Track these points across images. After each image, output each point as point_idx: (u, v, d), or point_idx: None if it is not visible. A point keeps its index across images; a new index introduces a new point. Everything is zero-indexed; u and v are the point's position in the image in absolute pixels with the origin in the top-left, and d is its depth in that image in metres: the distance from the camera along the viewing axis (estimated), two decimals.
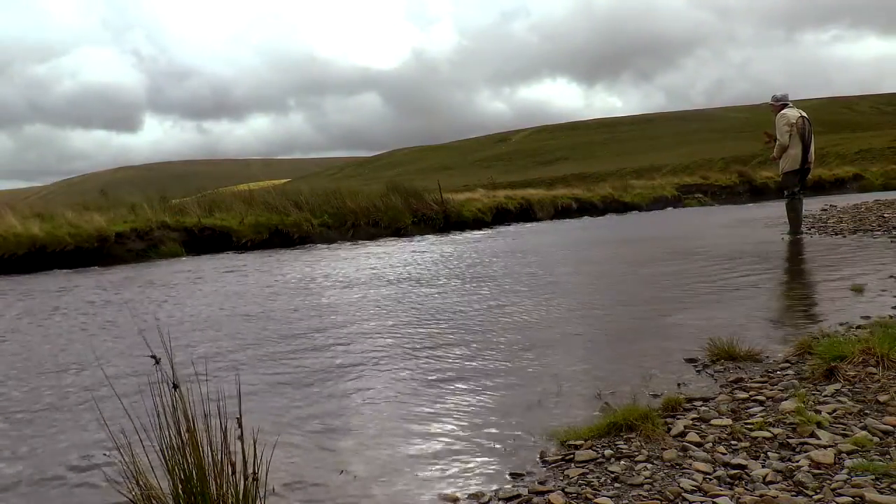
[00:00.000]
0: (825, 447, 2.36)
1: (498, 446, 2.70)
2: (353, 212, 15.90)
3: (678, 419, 2.77)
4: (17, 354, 4.87)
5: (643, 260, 8.62)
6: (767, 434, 2.53)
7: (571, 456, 2.51)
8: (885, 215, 11.77)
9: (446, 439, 2.82)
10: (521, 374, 3.70)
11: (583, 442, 2.62)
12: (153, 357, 1.93)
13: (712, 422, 2.71)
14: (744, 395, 3.02)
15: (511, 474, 2.43)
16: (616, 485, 2.26)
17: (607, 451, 2.51)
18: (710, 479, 2.23)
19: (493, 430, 2.88)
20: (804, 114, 9.52)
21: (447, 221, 17.28)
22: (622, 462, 2.42)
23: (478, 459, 2.60)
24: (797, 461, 2.29)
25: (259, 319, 5.71)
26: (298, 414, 3.24)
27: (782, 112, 9.52)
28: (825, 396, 2.86)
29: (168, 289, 8.07)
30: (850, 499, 2.00)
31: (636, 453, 2.47)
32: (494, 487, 2.34)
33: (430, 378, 3.72)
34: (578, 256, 9.61)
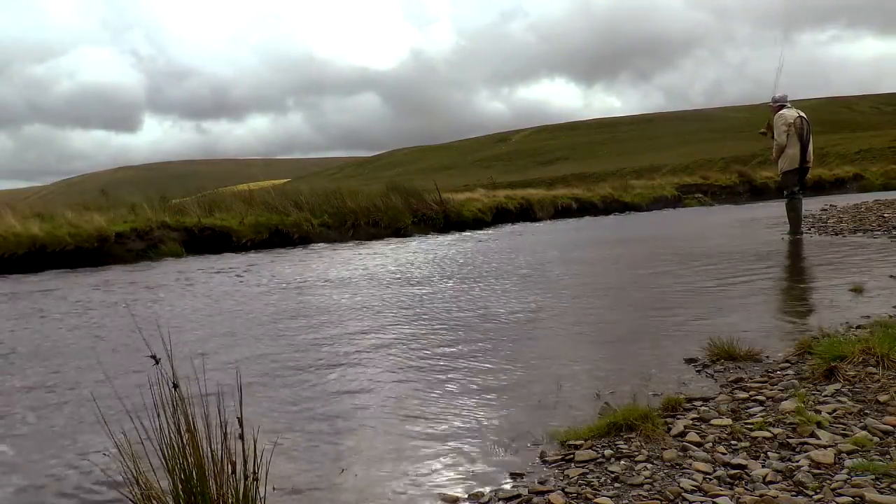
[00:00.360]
0: (825, 447, 2.36)
1: (498, 446, 2.70)
2: (353, 212, 15.90)
3: (678, 419, 2.77)
4: (12, 353, 4.87)
5: (643, 260, 8.62)
6: (767, 434, 2.53)
7: (571, 456, 2.51)
8: (885, 215, 11.77)
9: (446, 439, 2.82)
10: (520, 374, 3.70)
11: (583, 442, 2.62)
12: (153, 357, 1.93)
13: (712, 422, 2.71)
14: (744, 394, 3.02)
15: (511, 474, 2.43)
16: (616, 485, 2.26)
17: (607, 451, 2.51)
18: (710, 479, 2.23)
19: (493, 430, 2.88)
20: (802, 114, 9.58)
21: (447, 221, 17.27)
22: (622, 462, 2.42)
23: (477, 459, 2.60)
24: (797, 461, 2.29)
25: (256, 320, 5.71)
26: (297, 414, 3.24)
27: (780, 112, 9.63)
28: (825, 396, 2.86)
29: (167, 290, 8.07)
30: (850, 499, 2.00)
31: (636, 453, 2.47)
32: (494, 487, 2.34)
33: (429, 379, 3.72)
34: (577, 257, 9.61)
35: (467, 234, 15.84)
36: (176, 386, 1.96)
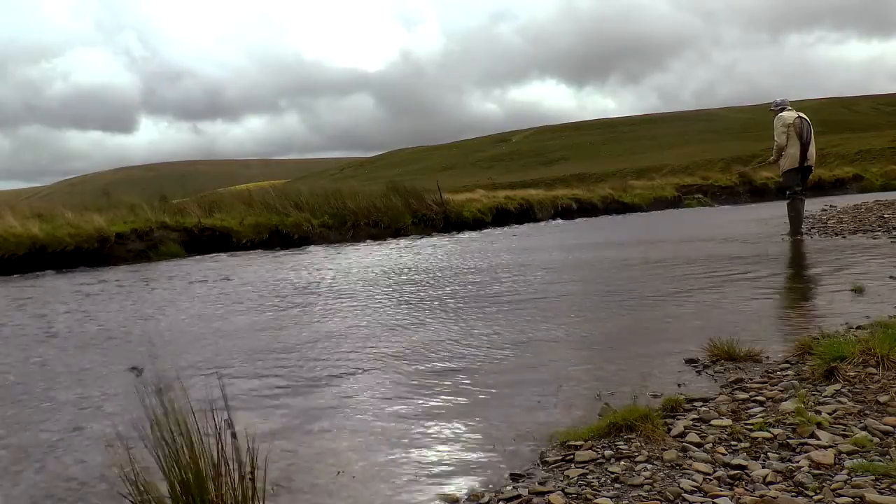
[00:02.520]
0: (825, 448, 2.36)
1: (498, 447, 2.70)
2: (353, 212, 15.91)
3: (678, 420, 2.76)
4: (8, 354, 4.86)
5: (643, 261, 8.62)
6: (767, 434, 2.53)
7: (571, 456, 2.50)
8: (885, 216, 11.77)
9: (446, 440, 2.82)
10: (520, 375, 3.69)
11: (583, 442, 2.61)
12: (135, 369, 1.92)
13: (712, 422, 2.71)
14: (744, 395, 3.02)
15: (511, 475, 2.43)
16: (616, 485, 2.25)
17: (607, 452, 2.50)
18: (711, 480, 2.22)
19: (493, 431, 2.87)
20: (803, 115, 9.65)
21: (447, 222, 17.27)
22: (622, 462, 2.41)
23: (477, 460, 2.59)
24: (797, 462, 2.28)
25: (254, 320, 5.71)
26: (295, 415, 3.24)
27: (779, 115, 9.75)
28: (825, 397, 2.85)
29: (167, 291, 8.07)
30: (850, 499, 2.00)
31: (636, 454, 2.47)
32: (494, 488, 2.33)
33: (428, 379, 3.72)
34: (578, 258, 9.61)
35: (467, 234, 15.84)
36: (174, 389, 1.96)
